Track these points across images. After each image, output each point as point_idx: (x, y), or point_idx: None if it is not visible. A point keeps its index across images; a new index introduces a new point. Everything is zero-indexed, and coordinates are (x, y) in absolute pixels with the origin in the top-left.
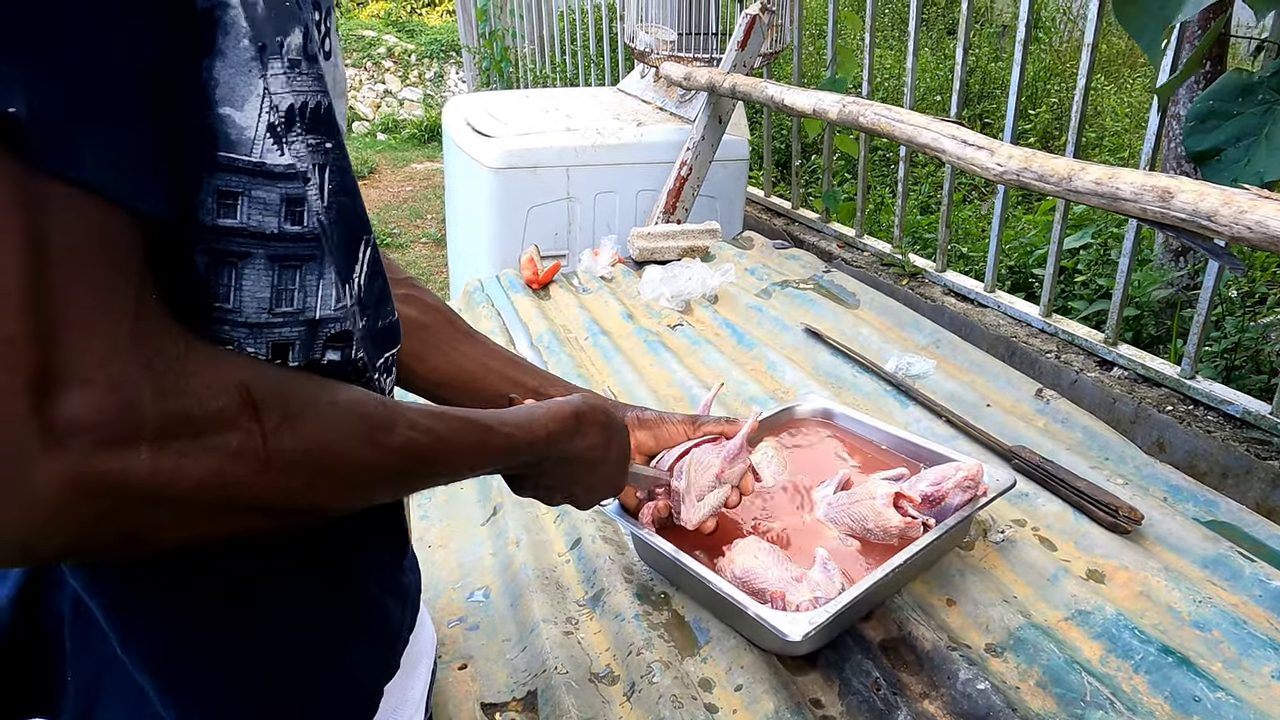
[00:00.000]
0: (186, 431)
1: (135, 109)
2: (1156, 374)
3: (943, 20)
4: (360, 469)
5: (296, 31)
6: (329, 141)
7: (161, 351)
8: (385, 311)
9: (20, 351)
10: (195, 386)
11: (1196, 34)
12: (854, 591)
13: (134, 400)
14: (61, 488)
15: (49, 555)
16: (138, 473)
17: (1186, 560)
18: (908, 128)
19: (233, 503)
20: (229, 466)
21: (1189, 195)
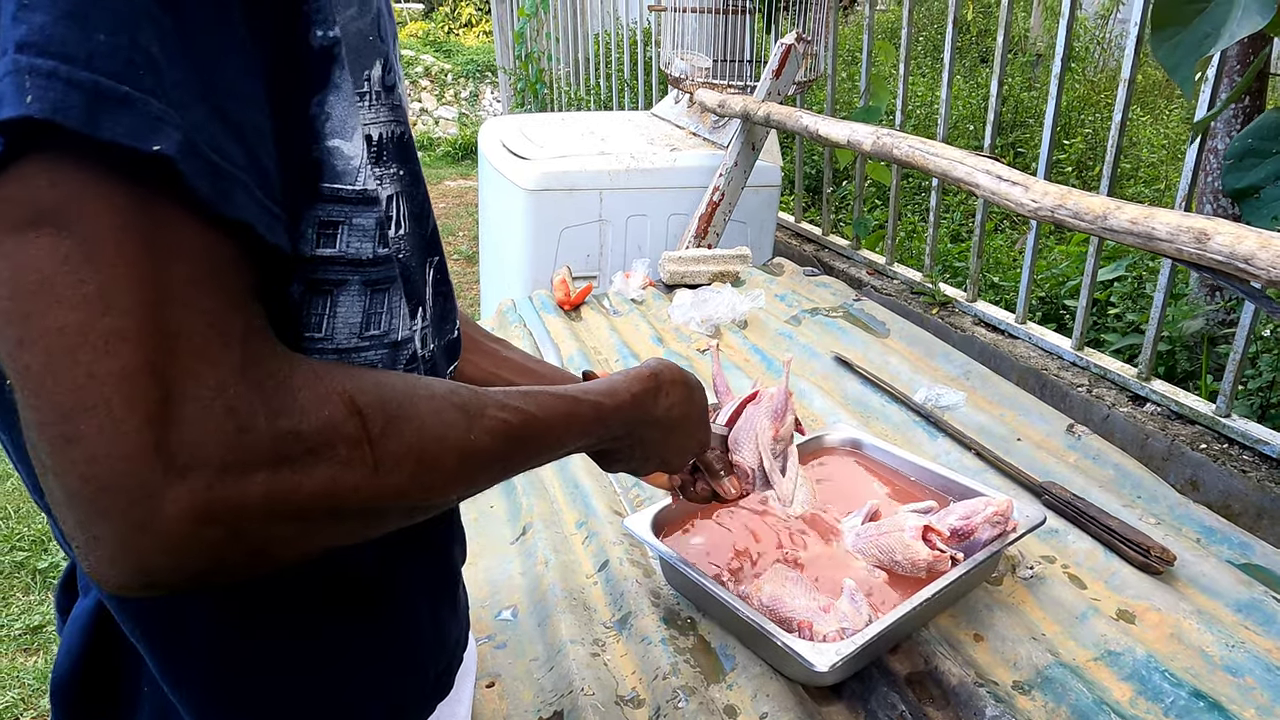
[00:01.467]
0: (298, 448)
1: (265, 146)
2: (1190, 411)
3: (975, 48)
4: (460, 457)
5: (377, 64)
6: (403, 170)
7: (271, 373)
8: (448, 329)
9: (142, 385)
10: (303, 402)
11: (1235, 69)
12: (882, 624)
13: (249, 425)
14: (188, 518)
15: (181, 584)
16: (257, 494)
17: (1220, 603)
18: (942, 162)
19: (347, 509)
20: (340, 475)
21: (1226, 237)
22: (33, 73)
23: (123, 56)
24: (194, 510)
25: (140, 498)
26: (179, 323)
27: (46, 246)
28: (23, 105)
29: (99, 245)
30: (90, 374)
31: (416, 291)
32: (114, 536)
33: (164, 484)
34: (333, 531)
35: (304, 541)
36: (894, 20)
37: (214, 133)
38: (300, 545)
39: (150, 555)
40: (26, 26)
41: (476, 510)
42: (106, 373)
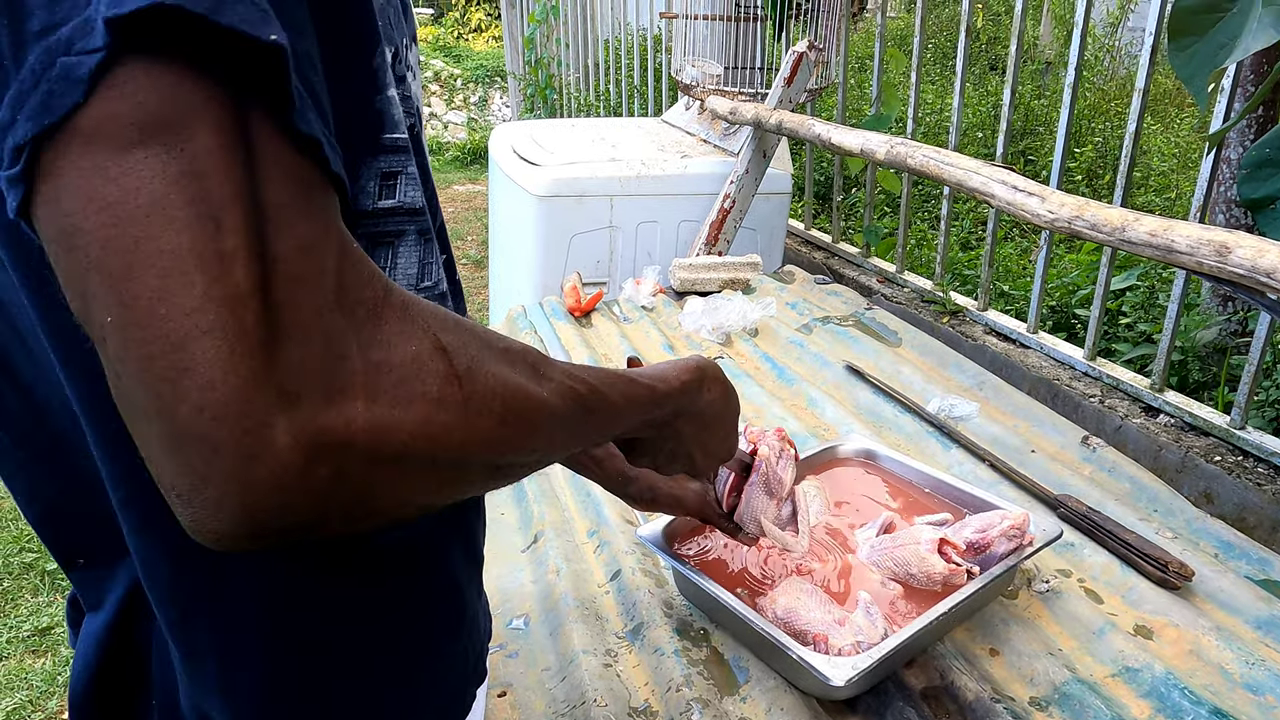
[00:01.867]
0: (390, 379)
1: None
2: (1204, 423)
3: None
4: (536, 407)
5: (388, 49)
6: (412, 164)
7: (362, 301)
8: None
9: (254, 309)
10: (389, 335)
11: (1249, 79)
12: (897, 638)
13: (344, 352)
14: (299, 449)
15: (286, 530)
16: (361, 425)
17: (1239, 620)
18: (957, 171)
19: (443, 453)
20: (434, 413)
21: (1248, 250)
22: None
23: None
24: (304, 441)
25: (254, 427)
26: (281, 245)
27: (157, 166)
28: None
29: (209, 163)
30: (206, 296)
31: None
32: (224, 474)
33: (276, 412)
34: (428, 482)
35: (403, 490)
36: (904, 28)
37: (302, 44)
38: (399, 494)
39: (260, 494)
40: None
41: (487, 518)
42: (222, 296)
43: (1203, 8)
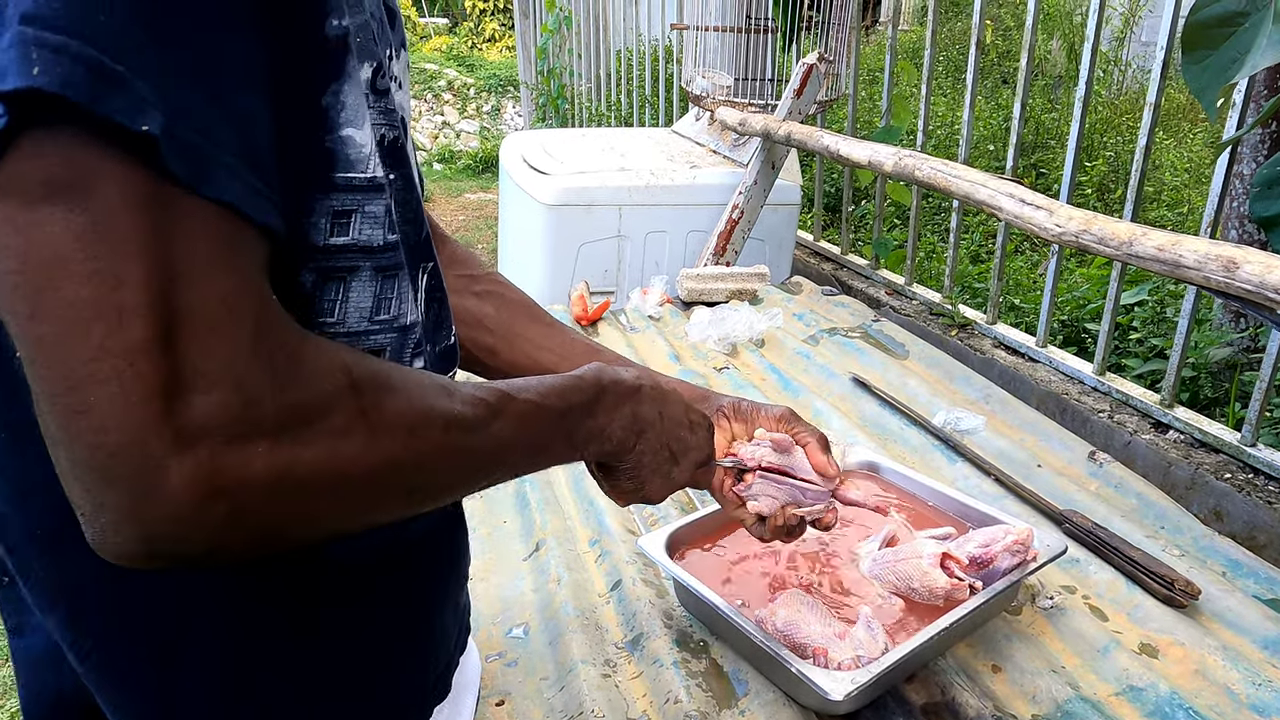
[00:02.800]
0: (300, 419)
1: (261, 130)
2: (1215, 439)
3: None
4: (445, 425)
5: (368, 67)
6: (394, 174)
7: (281, 346)
8: (444, 335)
9: (153, 359)
10: (308, 375)
11: (1262, 94)
12: (898, 652)
13: (256, 397)
14: (192, 488)
15: (187, 557)
16: (261, 465)
17: (1246, 640)
18: (964, 184)
19: (348, 482)
20: (339, 444)
21: (1256, 266)
22: (40, 45)
23: (121, 37)
24: (198, 481)
25: (146, 466)
26: (190, 298)
27: (60, 221)
28: (30, 77)
29: (111, 221)
30: (102, 347)
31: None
32: (119, 504)
33: (169, 454)
34: (336, 509)
35: (308, 519)
36: (915, 40)
37: (204, 115)
38: (305, 523)
39: (155, 524)
40: (32, 0)
41: (489, 526)
42: (118, 346)
43: (1216, 21)
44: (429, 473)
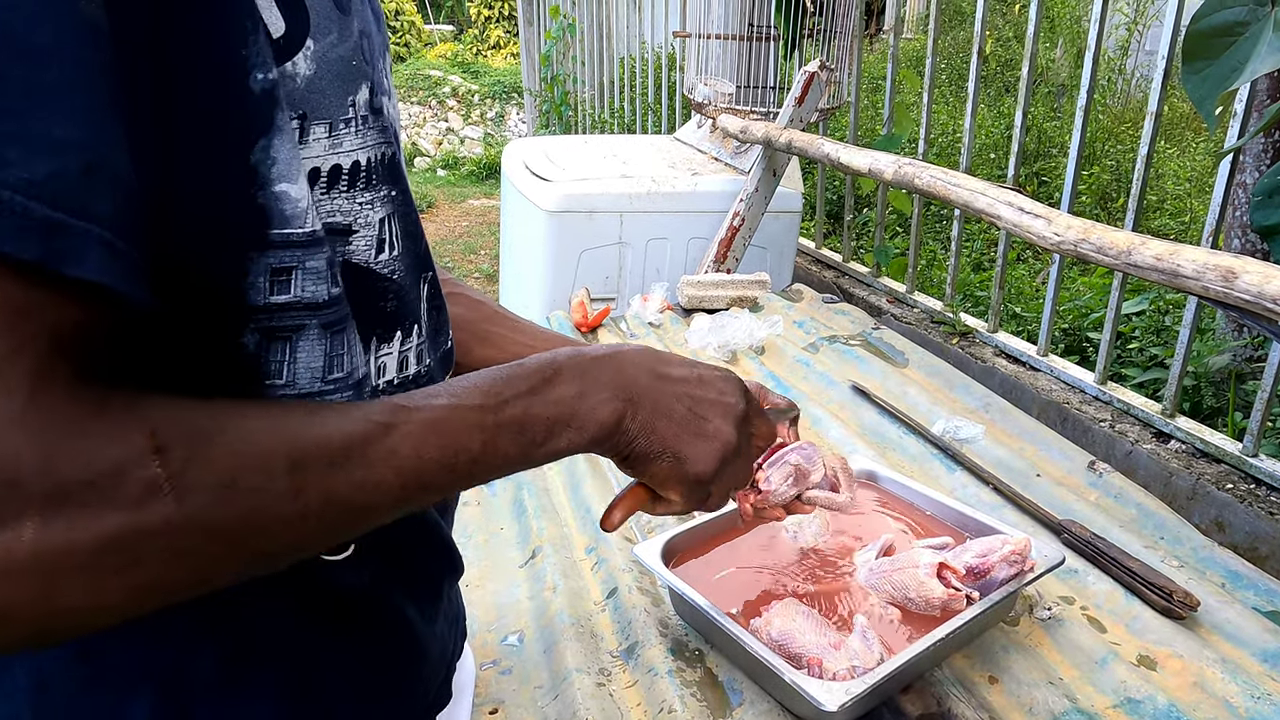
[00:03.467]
0: (79, 495)
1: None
2: (1216, 449)
3: (999, 78)
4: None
5: (363, 88)
6: (395, 190)
7: (55, 420)
8: (442, 340)
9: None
10: (91, 446)
11: (1265, 102)
12: (893, 663)
13: (15, 478)
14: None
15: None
16: (25, 551)
17: (1245, 652)
18: (964, 192)
19: (148, 557)
20: (137, 516)
21: (1254, 276)
22: None
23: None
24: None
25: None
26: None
27: None
28: None
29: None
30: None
31: (411, 309)
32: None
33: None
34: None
35: (110, 598)
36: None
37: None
38: (108, 598)
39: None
40: None
41: (486, 533)
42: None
43: (1216, 31)
44: (282, 528)
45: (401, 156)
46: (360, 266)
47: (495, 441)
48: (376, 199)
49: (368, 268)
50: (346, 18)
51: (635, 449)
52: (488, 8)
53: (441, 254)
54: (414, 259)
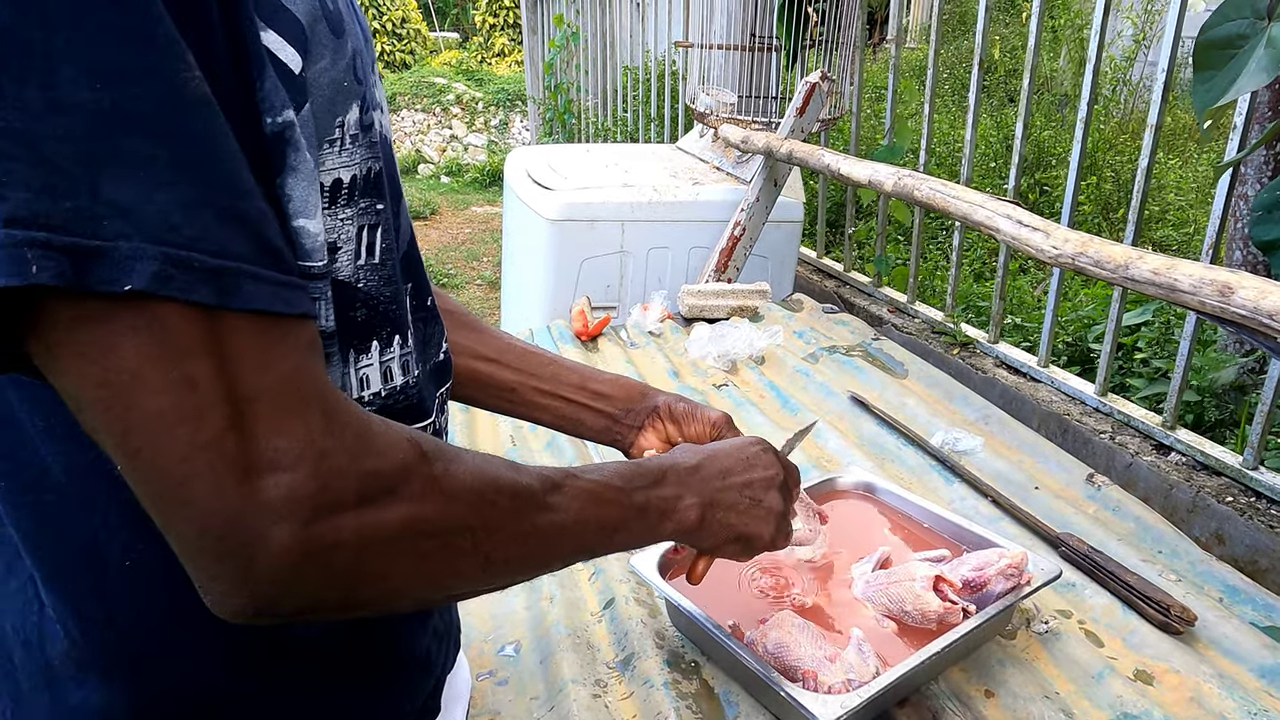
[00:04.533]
0: (379, 487)
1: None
2: (1217, 462)
3: (1002, 88)
4: (512, 495)
5: (354, 107)
6: (380, 202)
7: (350, 423)
8: (433, 352)
9: (232, 448)
10: (380, 446)
11: (1266, 115)
12: (889, 676)
13: (337, 469)
14: (288, 557)
15: (288, 614)
16: (348, 531)
17: (1242, 668)
18: (963, 204)
19: (426, 543)
20: (417, 508)
21: (1250, 291)
22: (28, 245)
23: (87, 214)
24: (293, 550)
25: (247, 542)
26: (254, 388)
27: (130, 349)
28: (29, 275)
29: (169, 340)
30: (191, 445)
31: (390, 319)
32: (228, 575)
33: (266, 529)
34: (418, 573)
35: (392, 579)
36: (921, 58)
37: (211, 238)
38: (389, 583)
39: (260, 588)
40: (10, 203)
41: None
42: (204, 442)
43: (1220, 43)
44: (502, 540)
45: (394, 168)
46: (338, 281)
47: (628, 518)
48: (355, 213)
49: (344, 281)
50: (340, 40)
51: (710, 542)
52: (493, 16)
53: (444, 261)
54: (393, 269)
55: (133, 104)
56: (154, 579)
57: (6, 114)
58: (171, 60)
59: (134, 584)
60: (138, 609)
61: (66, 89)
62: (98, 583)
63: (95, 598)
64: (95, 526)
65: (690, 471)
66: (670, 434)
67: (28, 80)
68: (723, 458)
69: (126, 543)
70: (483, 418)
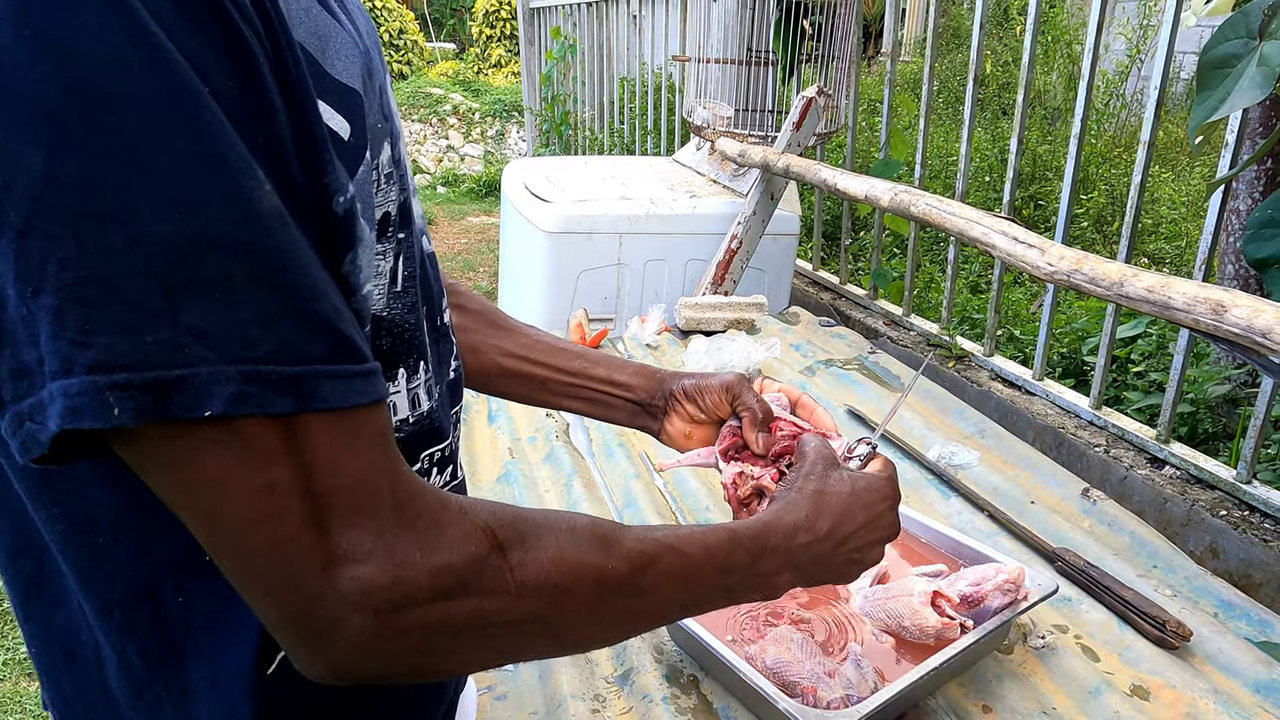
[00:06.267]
0: (450, 581)
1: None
2: (1211, 476)
3: (996, 101)
4: (595, 582)
5: (386, 145)
6: (404, 231)
7: (421, 514)
8: (445, 370)
9: (308, 542)
10: (451, 539)
11: (1258, 130)
12: (887, 692)
13: (407, 562)
14: (364, 640)
15: (363, 681)
16: (415, 623)
17: (1237, 683)
18: (959, 221)
19: (494, 631)
20: (485, 601)
21: (1243, 310)
22: (112, 389)
23: (169, 345)
24: (365, 635)
25: (324, 627)
26: (328, 487)
27: (212, 463)
28: (111, 418)
29: (251, 451)
30: (271, 545)
31: (415, 344)
32: (309, 649)
33: (342, 617)
34: (483, 650)
35: (459, 657)
36: (916, 71)
37: (289, 349)
38: (456, 660)
39: (336, 661)
40: (95, 351)
41: None
42: (283, 541)
43: (1216, 63)
44: (576, 625)
45: (413, 196)
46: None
47: (715, 597)
48: (389, 248)
49: (375, 313)
50: (373, 83)
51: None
52: (489, 27)
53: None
54: (415, 295)
55: (209, 228)
56: (206, 616)
57: (89, 261)
58: (244, 179)
59: (187, 620)
60: (190, 643)
61: (146, 225)
62: (153, 618)
63: (152, 632)
64: (147, 567)
65: (791, 534)
66: (692, 413)
67: (108, 224)
68: (837, 511)
69: (178, 582)
70: (481, 431)
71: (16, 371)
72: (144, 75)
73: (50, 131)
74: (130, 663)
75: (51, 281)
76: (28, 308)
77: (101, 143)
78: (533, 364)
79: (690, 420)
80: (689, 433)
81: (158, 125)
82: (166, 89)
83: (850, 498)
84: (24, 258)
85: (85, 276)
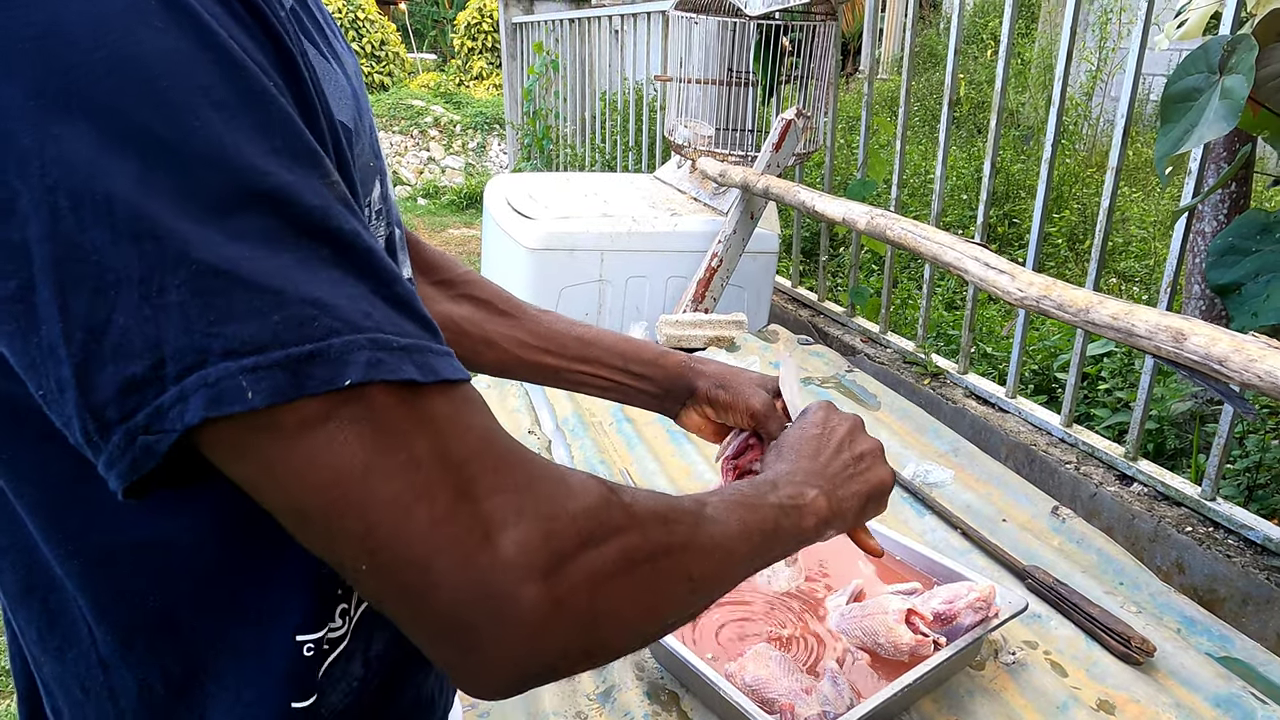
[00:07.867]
0: (591, 524)
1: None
2: (1176, 493)
3: (971, 120)
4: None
5: (377, 183)
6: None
7: (546, 469)
8: None
9: (465, 514)
10: (576, 487)
11: (1222, 156)
12: (863, 708)
13: (554, 514)
14: (542, 609)
15: (540, 674)
16: (581, 571)
17: (1198, 697)
18: (933, 245)
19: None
20: (626, 539)
21: (1201, 339)
22: (243, 373)
23: (296, 321)
24: (542, 603)
25: (500, 605)
26: (467, 453)
27: (356, 442)
28: (245, 402)
29: (391, 424)
30: (430, 521)
31: None
32: (488, 645)
33: (514, 589)
34: (639, 604)
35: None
36: (894, 88)
37: (392, 320)
38: (620, 620)
39: (518, 648)
40: (224, 340)
41: None
42: (441, 515)
43: (1179, 96)
44: (696, 555)
45: (399, 231)
46: None
47: (777, 517)
48: None
49: None
50: (363, 122)
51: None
52: (471, 39)
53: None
54: None
55: (306, 215)
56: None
57: (198, 254)
58: (320, 168)
59: (211, 645)
60: (214, 668)
61: (239, 216)
62: (175, 643)
63: (175, 657)
64: (169, 596)
65: (794, 472)
66: (711, 416)
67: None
68: (808, 445)
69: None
70: None
71: (125, 388)
72: (213, 70)
73: (139, 137)
74: (152, 690)
75: (171, 279)
76: (151, 308)
77: (188, 139)
78: (546, 354)
79: (705, 420)
80: (703, 426)
81: (235, 118)
82: (237, 83)
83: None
84: (142, 261)
85: (200, 269)
